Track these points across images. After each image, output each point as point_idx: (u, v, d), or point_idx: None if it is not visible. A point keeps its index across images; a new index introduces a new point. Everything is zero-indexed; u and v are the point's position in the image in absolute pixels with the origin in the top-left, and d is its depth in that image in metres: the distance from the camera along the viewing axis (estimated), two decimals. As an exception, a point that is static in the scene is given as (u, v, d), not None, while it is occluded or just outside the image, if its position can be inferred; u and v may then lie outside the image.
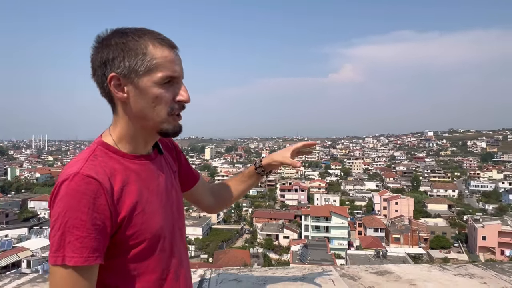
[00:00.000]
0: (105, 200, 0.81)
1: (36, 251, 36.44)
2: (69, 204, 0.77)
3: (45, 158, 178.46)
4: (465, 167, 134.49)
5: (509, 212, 69.86)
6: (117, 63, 0.84)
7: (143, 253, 0.89)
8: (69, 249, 0.76)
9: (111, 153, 0.90)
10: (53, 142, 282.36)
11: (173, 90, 0.89)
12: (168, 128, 0.91)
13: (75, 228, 0.77)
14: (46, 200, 37.83)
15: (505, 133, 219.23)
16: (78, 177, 0.79)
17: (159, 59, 0.85)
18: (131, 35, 0.85)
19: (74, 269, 0.77)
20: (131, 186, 0.89)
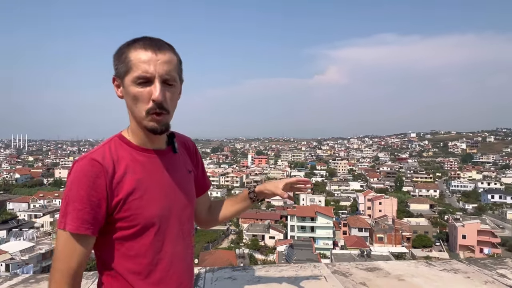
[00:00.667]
0: (104, 182, 0.96)
1: (15, 254, 35.38)
2: (74, 180, 0.96)
3: (25, 158, 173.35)
4: (446, 168, 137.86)
5: (487, 212, 72.09)
6: (114, 67, 1.02)
7: (135, 236, 1.01)
8: (69, 218, 0.95)
9: (123, 144, 1.05)
10: (33, 142, 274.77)
11: (150, 90, 0.97)
12: (147, 126, 1.01)
13: (74, 201, 0.95)
14: (26, 201, 36.88)
15: (484, 135, 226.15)
16: (86, 159, 0.98)
17: (133, 61, 0.96)
18: (128, 42, 1.00)
19: (72, 235, 0.96)
20: (133, 174, 1.02)
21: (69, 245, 0.96)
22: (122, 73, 0.99)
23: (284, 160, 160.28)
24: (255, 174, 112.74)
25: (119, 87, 1.03)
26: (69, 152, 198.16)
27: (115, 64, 1.02)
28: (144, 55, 0.96)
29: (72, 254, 0.96)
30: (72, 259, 0.96)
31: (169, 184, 1.09)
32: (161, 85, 0.97)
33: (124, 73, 0.99)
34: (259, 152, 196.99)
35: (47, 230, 50.97)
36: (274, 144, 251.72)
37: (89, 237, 0.98)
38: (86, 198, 0.95)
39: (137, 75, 0.96)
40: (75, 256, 0.96)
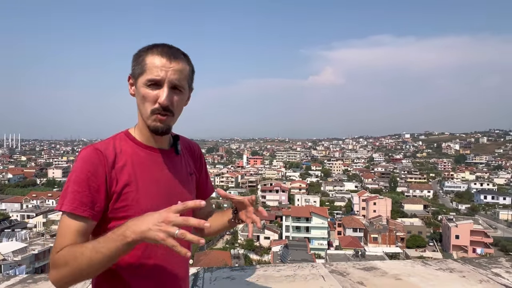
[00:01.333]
0: (103, 170, 1.03)
1: (7, 255, 34.94)
2: (77, 166, 1.03)
3: (18, 158, 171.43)
4: (439, 169, 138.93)
5: (480, 212, 72.81)
6: (132, 67, 1.12)
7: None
8: (67, 199, 1.00)
9: (128, 140, 1.13)
10: (26, 141, 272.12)
11: (158, 93, 1.06)
12: (150, 125, 1.09)
13: (74, 184, 1.00)
14: (19, 201, 36.07)
15: (477, 136, 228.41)
16: (90, 148, 1.06)
17: (148, 65, 1.05)
18: (148, 46, 1.10)
19: (68, 215, 0.99)
20: (133, 167, 1.08)
21: (66, 225, 0.99)
22: (137, 74, 1.08)
23: (279, 161, 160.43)
24: (250, 174, 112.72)
25: (132, 86, 1.12)
26: (63, 152, 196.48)
27: (132, 64, 1.11)
28: (159, 61, 1.05)
29: (67, 233, 0.98)
30: (67, 238, 0.98)
31: (167, 182, 1.14)
32: (169, 90, 1.06)
33: (138, 74, 1.08)
34: (254, 152, 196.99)
35: (40, 230, 50.45)
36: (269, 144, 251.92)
37: (87, 220, 1.00)
38: (86, 182, 1.00)
39: (149, 78, 1.05)
40: (71, 235, 0.98)
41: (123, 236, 0.89)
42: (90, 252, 0.91)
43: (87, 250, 0.92)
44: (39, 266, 37.44)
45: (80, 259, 0.92)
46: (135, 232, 0.88)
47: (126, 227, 0.90)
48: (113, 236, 0.90)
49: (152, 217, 0.89)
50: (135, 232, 0.88)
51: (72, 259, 0.93)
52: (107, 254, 0.90)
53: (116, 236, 0.90)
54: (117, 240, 0.89)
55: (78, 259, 0.92)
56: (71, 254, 0.94)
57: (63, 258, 0.95)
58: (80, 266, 0.92)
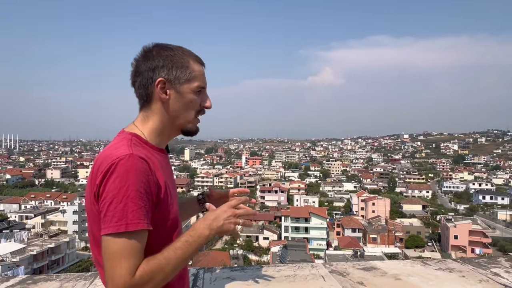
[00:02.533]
0: (153, 179, 1.01)
1: (5, 256, 34.82)
2: (131, 179, 0.95)
3: (16, 158, 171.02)
4: (438, 169, 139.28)
5: (479, 212, 72.98)
6: (165, 71, 1.08)
7: (168, 231, 1.09)
8: (132, 217, 0.93)
9: (143, 144, 1.09)
10: (25, 142, 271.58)
11: (201, 97, 1.15)
12: (191, 128, 1.16)
13: (137, 199, 0.95)
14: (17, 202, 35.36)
15: (475, 136, 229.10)
16: (134, 157, 0.98)
17: (196, 72, 1.12)
18: (175, 50, 1.12)
19: (134, 234, 0.94)
20: (159, 172, 1.07)
21: (132, 244, 0.94)
22: (183, 80, 1.10)
23: (278, 161, 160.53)
24: (249, 175, 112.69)
25: (167, 90, 1.10)
26: (61, 153, 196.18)
27: (170, 69, 1.09)
28: (202, 69, 1.15)
29: (136, 252, 0.95)
30: (138, 257, 0.96)
31: (174, 181, 1.22)
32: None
33: (185, 80, 1.10)
34: (253, 153, 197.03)
35: (39, 231, 50.31)
36: (268, 145, 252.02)
37: (147, 232, 0.99)
38: (145, 195, 0.97)
39: (200, 85, 1.13)
40: (140, 252, 0.97)
41: (204, 236, 1.03)
42: (177, 260, 0.98)
43: (172, 259, 0.98)
44: (38, 267, 37.36)
45: (167, 268, 0.97)
46: (213, 229, 1.04)
47: (201, 228, 1.04)
48: (193, 239, 1.01)
49: (221, 214, 1.08)
50: (213, 229, 1.04)
51: (159, 271, 0.96)
52: (191, 256, 1.02)
53: (197, 238, 1.01)
54: (199, 241, 1.02)
55: (165, 270, 0.97)
56: (156, 267, 0.96)
57: (148, 275, 0.94)
58: (166, 275, 0.97)
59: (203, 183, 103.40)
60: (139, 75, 1.10)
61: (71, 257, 44.39)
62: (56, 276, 2.10)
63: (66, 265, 42.22)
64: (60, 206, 66.87)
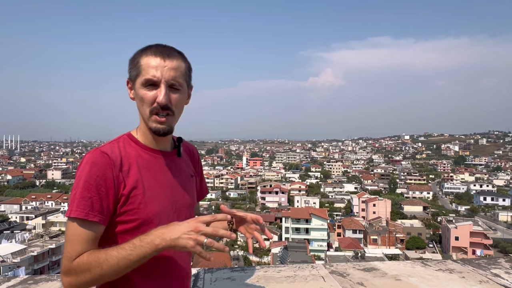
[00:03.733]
0: (111, 174, 1.02)
1: (6, 257, 34.84)
2: (85, 170, 1.01)
3: (17, 159, 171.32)
4: (439, 170, 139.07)
5: (480, 213, 72.84)
6: (128, 71, 1.11)
7: (135, 230, 1.04)
8: (76, 205, 0.98)
9: (131, 142, 1.12)
10: (26, 142, 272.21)
11: (156, 93, 1.05)
12: (151, 127, 1.08)
13: (84, 189, 0.99)
14: (18, 203, 35.67)
15: (476, 137, 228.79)
16: (96, 151, 1.04)
17: (143, 65, 1.05)
18: (141, 48, 1.10)
19: (78, 221, 0.98)
20: (138, 170, 1.07)
21: (76, 231, 0.98)
22: (134, 77, 1.09)
23: (279, 162, 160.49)
24: (250, 176, 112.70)
25: (131, 90, 1.12)
26: (62, 153, 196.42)
27: (129, 68, 1.11)
28: (153, 61, 1.04)
29: (80, 240, 0.98)
30: (81, 244, 0.98)
31: (171, 184, 1.14)
32: (166, 89, 1.05)
33: (135, 76, 1.08)
34: (254, 154, 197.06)
35: (39, 232, 50.36)
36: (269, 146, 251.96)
37: (97, 225, 1.00)
38: (95, 187, 0.99)
39: (145, 79, 1.05)
40: (83, 242, 0.98)
41: (152, 243, 0.94)
42: (117, 259, 0.94)
43: (112, 257, 0.95)
44: (38, 267, 37.34)
45: (105, 265, 0.95)
46: (165, 240, 0.93)
47: (154, 235, 0.95)
48: (141, 244, 0.94)
49: (181, 226, 0.95)
50: (165, 240, 0.93)
51: (96, 266, 0.95)
52: (134, 260, 0.95)
53: (145, 244, 0.94)
54: (146, 248, 0.94)
55: (102, 266, 0.95)
56: (94, 260, 0.95)
57: (84, 265, 0.95)
58: (103, 272, 0.95)
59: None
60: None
61: (71, 258, 44.34)
62: (57, 276, 2.11)
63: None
64: (60, 207, 66.90)
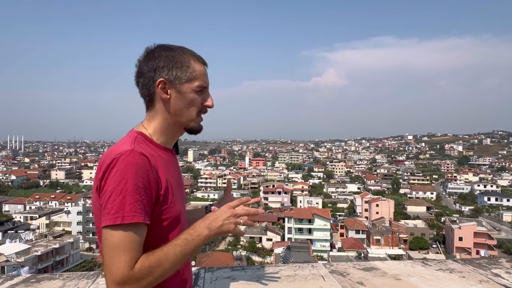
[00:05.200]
0: (153, 175, 1.03)
1: (10, 256, 35.10)
2: (130, 173, 0.97)
3: (21, 159, 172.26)
4: (442, 170, 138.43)
5: (484, 214, 72.41)
6: (166, 71, 1.11)
7: (167, 228, 1.09)
8: (128, 210, 0.96)
9: (147, 142, 1.13)
10: (29, 143, 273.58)
11: (203, 96, 1.17)
12: (194, 126, 1.18)
13: (135, 193, 0.97)
14: (22, 203, 35.45)
15: (480, 137, 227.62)
16: (135, 152, 1.01)
17: (197, 72, 1.14)
18: (176, 50, 1.14)
19: (131, 227, 0.96)
20: (163, 170, 1.09)
21: (130, 238, 0.96)
22: (184, 79, 1.12)
23: (282, 162, 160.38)
24: (253, 176, 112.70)
25: (168, 90, 1.13)
26: (66, 154, 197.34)
27: (170, 69, 1.11)
28: (204, 68, 1.17)
29: (135, 246, 0.97)
30: (137, 250, 0.97)
31: (181, 181, 1.23)
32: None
33: (186, 80, 1.13)
34: (257, 154, 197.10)
35: (43, 232, 50.63)
36: (271, 146, 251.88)
37: (146, 227, 1.01)
38: (143, 190, 0.99)
39: (200, 85, 1.14)
40: (139, 247, 0.98)
41: (202, 235, 1.03)
42: (175, 256, 1.00)
43: (170, 255, 0.99)
44: (42, 267, 37.57)
45: (166, 264, 0.98)
46: (212, 229, 1.04)
47: (200, 228, 1.04)
48: (192, 237, 1.03)
49: (221, 215, 1.07)
50: (212, 230, 1.04)
51: (157, 266, 0.97)
52: (189, 253, 1.03)
53: (196, 237, 1.03)
54: (198, 240, 1.03)
55: (163, 265, 0.98)
56: (155, 262, 0.97)
57: (146, 269, 0.96)
58: (164, 271, 0.99)
59: (206, 184, 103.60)
60: (141, 75, 1.14)
61: (75, 257, 44.60)
62: (59, 275, 2.13)
63: (70, 265, 42.43)
64: (64, 207, 67.23)
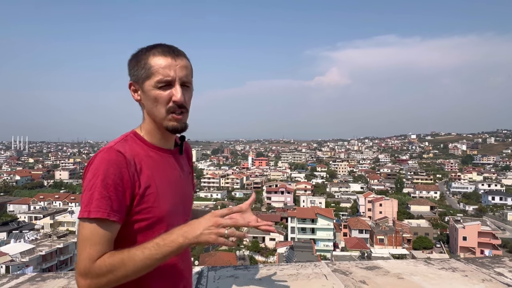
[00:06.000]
0: (127, 173, 1.02)
1: (15, 256, 35.36)
2: (101, 169, 0.99)
3: (25, 160, 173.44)
4: (446, 169, 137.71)
5: (488, 213, 72.05)
6: (132, 73, 1.11)
7: (149, 229, 1.07)
8: (95, 205, 0.96)
9: (138, 141, 1.13)
10: (33, 143, 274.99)
11: (170, 92, 1.08)
12: (168, 125, 1.10)
13: (102, 189, 0.97)
14: (27, 203, 36.13)
15: (484, 136, 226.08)
16: (111, 150, 1.03)
17: (154, 67, 1.06)
18: (143, 49, 1.10)
19: (98, 222, 0.96)
20: (148, 169, 1.08)
21: (97, 232, 0.97)
22: (143, 78, 1.08)
23: (285, 162, 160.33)
24: (256, 175, 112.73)
25: (136, 92, 1.12)
26: (69, 154, 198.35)
27: (132, 70, 1.10)
28: (164, 61, 1.06)
29: (100, 240, 0.97)
30: (102, 245, 0.97)
31: (177, 182, 1.18)
32: (180, 88, 1.09)
33: (144, 78, 1.08)
34: (260, 153, 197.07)
35: (48, 232, 50.95)
36: (274, 145, 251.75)
37: (116, 225, 1.00)
38: (113, 187, 0.99)
39: (159, 80, 1.06)
40: (104, 242, 0.98)
41: (176, 242, 0.96)
42: (142, 259, 0.95)
43: (137, 257, 0.96)
44: (47, 267, 37.79)
45: (129, 265, 0.95)
46: (188, 238, 0.97)
47: (176, 234, 0.98)
48: (164, 243, 0.96)
49: (202, 223, 0.99)
50: (188, 238, 0.97)
51: (120, 266, 0.95)
52: (159, 259, 0.97)
53: (169, 242, 0.96)
54: (170, 246, 0.96)
55: (127, 266, 0.95)
56: (118, 261, 0.95)
57: (107, 266, 0.95)
58: (127, 272, 0.96)
59: (209, 184, 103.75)
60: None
61: (79, 257, 44.81)
62: (64, 274, 2.16)
63: (74, 265, 42.69)
64: (68, 207, 67.63)
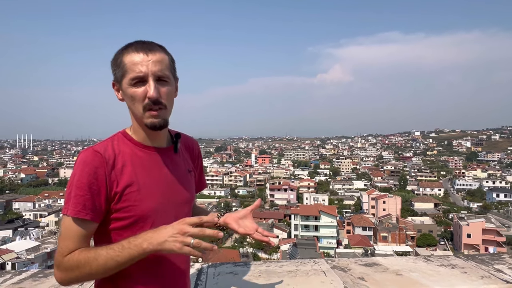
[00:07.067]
0: (103, 172, 1.04)
1: (21, 253, 35.68)
2: (78, 169, 1.03)
3: (30, 158, 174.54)
4: (450, 166, 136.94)
5: (492, 210, 71.64)
6: (113, 72, 1.11)
7: (130, 227, 1.07)
8: (71, 203, 1.02)
9: (125, 139, 1.14)
10: (38, 141, 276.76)
11: (145, 88, 1.05)
12: (146, 122, 1.09)
13: (77, 188, 1.02)
14: (31, 201, 36.87)
15: (489, 133, 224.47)
16: (89, 151, 1.06)
17: (127, 64, 1.05)
18: (122, 48, 1.09)
19: (72, 219, 1.02)
20: (133, 168, 1.09)
21: (70, 228, 1.02)
22: (119, 77, 1.08)
23: (288, 159, 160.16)
24: (259, 173, 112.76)
25: (119, 91, 1.12)
26: (74, 152, 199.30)
27: (112, 70, 1.10)
28: (137, 57, 1.04)
29: (72, 237, 1.02)
30: (73, 241, 1.02)
31: (167, 181, 1.15)
32: (155, 83, 1.05)
33: (121, 77, 1.08)
34: (263, 151, 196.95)
35: (52, 229, 51.37)
36: (277, 143, 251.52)
37: (89, 223, 1.03)
38: (87, 185, 1.02)
39: (132, 77, 1.05)
40: (75, 239, 1.02)
41: (140, 247, 0.96)
42: (105, 259, 0.98)
43: (101, 257, 0.98)
44: (52, 264, 37.98)
45: (93, 264, 0.98)
46: (152, 244, 0.96)
47: (142, 238, 0.97)
48: (129, 246, 0.97)
49: (167, 230, 0.97)
50: (152, 244, 0.96)
51: (85, 264, 0.98)
52: (121, 262, 0.98)
53: (133, 246, 0.97)
54: (134, 250, 0.97)
55: (91, 264, 0.98)
56: (83, 259, 0.99)
57: (74, 262, 0.99)
58: (92, 270, 0.99)
59: (212, 182, 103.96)
60: None
61: (84, 254, 45.13)
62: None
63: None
64: (73, 205, 67.97)
